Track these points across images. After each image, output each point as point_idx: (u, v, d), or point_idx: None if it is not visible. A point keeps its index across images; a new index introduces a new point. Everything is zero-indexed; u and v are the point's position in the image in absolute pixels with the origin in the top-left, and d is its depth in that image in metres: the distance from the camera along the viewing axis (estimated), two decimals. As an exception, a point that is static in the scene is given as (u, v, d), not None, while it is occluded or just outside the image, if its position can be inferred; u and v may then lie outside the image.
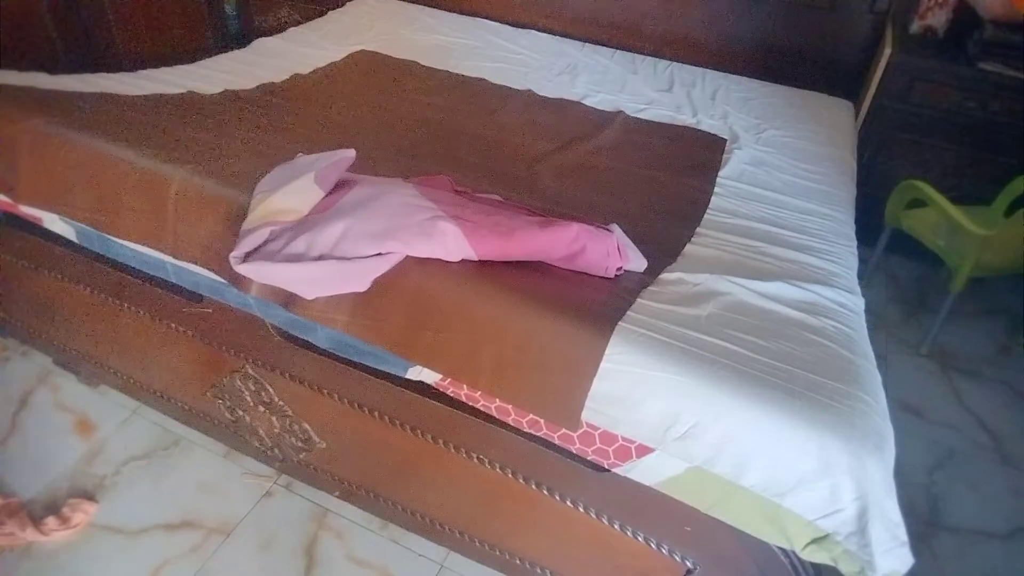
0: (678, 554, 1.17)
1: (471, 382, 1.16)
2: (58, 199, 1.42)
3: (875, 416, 1.04)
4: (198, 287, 1.37)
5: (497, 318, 1.11)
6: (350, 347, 1.24)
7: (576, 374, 1.07)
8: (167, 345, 1.53)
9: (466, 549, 1.44)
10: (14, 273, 1.65)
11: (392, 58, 2.49)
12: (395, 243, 1.14)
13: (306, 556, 1.53)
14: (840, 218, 1.74)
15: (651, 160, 1.95)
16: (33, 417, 1.79)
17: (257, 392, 1.45)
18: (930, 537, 1.72)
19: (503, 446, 1.22)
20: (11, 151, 1.42)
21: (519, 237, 1.20)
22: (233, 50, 2.35)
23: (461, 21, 2.96)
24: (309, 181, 1.23)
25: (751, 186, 1.83)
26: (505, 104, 2.21)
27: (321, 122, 1.88)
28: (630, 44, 2.89)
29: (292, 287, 1.17)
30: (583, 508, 1.20)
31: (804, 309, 1.27)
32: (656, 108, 2.32)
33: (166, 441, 1.76)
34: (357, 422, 1.36)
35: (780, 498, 1.00)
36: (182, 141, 1.51)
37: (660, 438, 1.05)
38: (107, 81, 1.83)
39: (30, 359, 1.94)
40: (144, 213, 1.34)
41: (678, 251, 1.44)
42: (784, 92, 2.60)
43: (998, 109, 2.36)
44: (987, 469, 1.94)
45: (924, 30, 2.58)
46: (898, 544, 0.98)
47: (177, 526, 1.57)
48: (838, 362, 1.13)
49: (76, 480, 1.64)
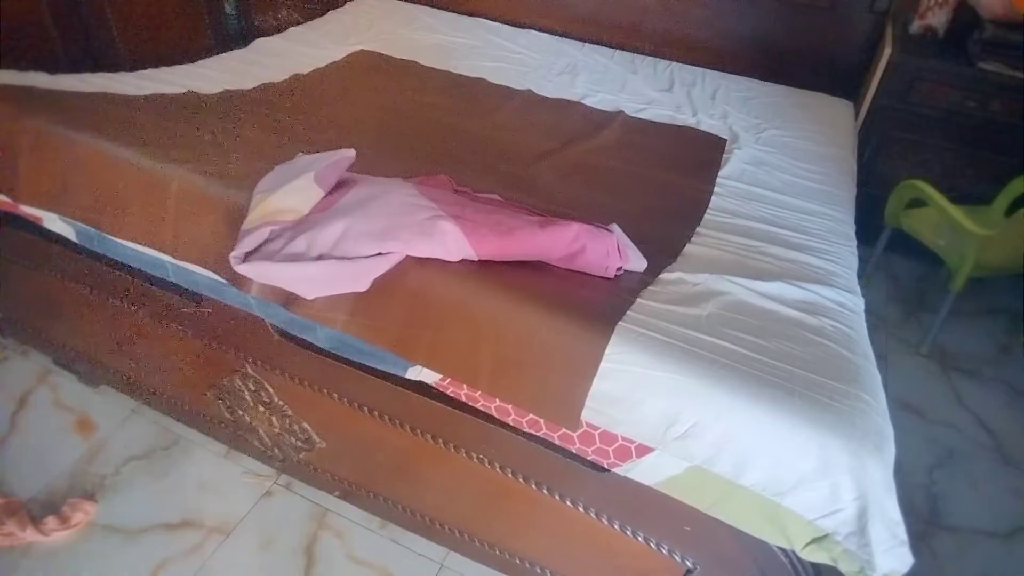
0: (678, 554, 1.17)
1: (471, 382, 1.16)
2: (58, 199, 1.42)
3: (875, 416, 1.04)
4: (198, 287, 1.37)
5: (497, 318, 1.11)
6: (350, 347, 1.24)
7: (576, 374, 1.07)
8: (167, 345, 1.53)
9: (466, 549, 1.44)
10: (14, 273, 1.65)
11: (392, 58, 2.49)
12: (395, 243, 1.14)
13: (306, 555, 1.53)
14: (840, 218, 1.74)
15: (651, 160, 1.95)
16: (33, 416, 1.79)
17: (257, 392, 1.45)
18: (930, 537, 1.72)
19: (503, 446, 1.22)
20: (11, 151, 1.42)
21: (519, 237, 1.20)
22: (233, 50, 2.35)
23: (461, 21, 2.96)
24: (309, 181, 1.23)
25: (751, 186, 1.83)
26: (505, 104, 2.21)
27: (321, 122, 1.88)
28: (630, 44, 2.89)
29: (292, 287, 1.17)
30: (583, 508, 1.20)
31: (804, 309, 1.27)
32: (656, 108, 2.32)
33: (166, 441, 1.76)
34: (357, 422, 1.36)
35: (780, 497, 1.00)
36: (182, 141, 1.51)
37: (660, 438, 1.05)
38: (107, 81, 1.83)
39: (30, 358, 1.94)
40: (144, 213, 1.34)
41: (678, 251, 1.44)
42: (784, 92, 2.60)
43: (998, 109, 2.36)
44: (987, 469, 1.94)
45: (924, 30, 2.58)
46: (898, 543, 0.98)
47: (177, 526, 1.57)
48: (838, 362, 1.13)
49: (76, 479, 1.64)
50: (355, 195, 1.23)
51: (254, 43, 2.44)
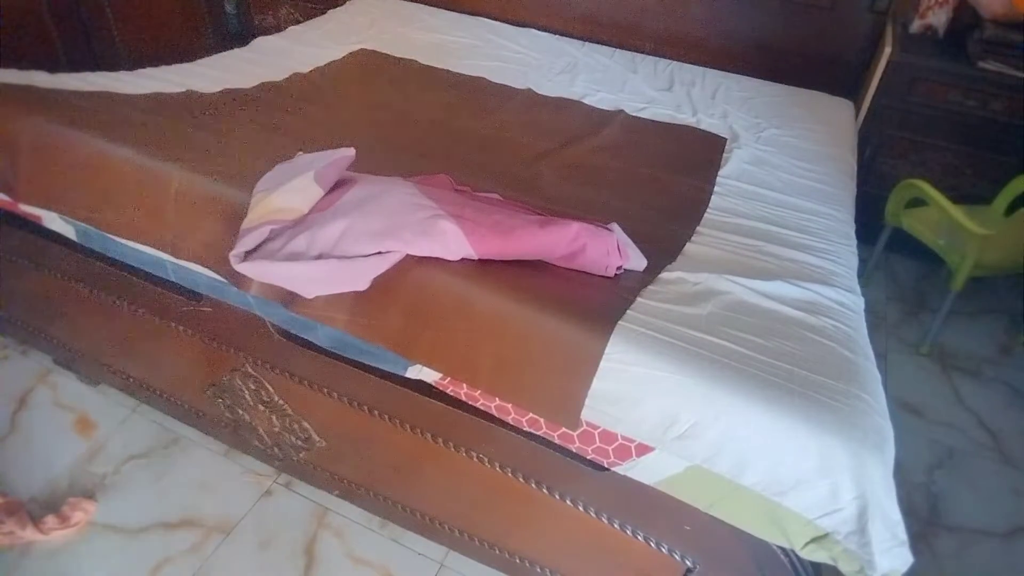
0: (678, 553, 1.17)
1: (471, 381, 1.16)
2: (58, 198, 1.42)
3: (875, 415, 1.04)
4: (198, 286, 1.37)
5: (497, 317, 1.11)
6: (350, 346, 1.24)
7: (576, 373, 1.07)
8: (167, 344, 1.53)
9: (466, 548, 1.44)
10: (14, 272, 1.65)
11: (392, 57, 2.49)
12: (395, 242, 1.14)
13: (306, 555, 1.53)
14: (840, 217, 1.74)
15: (651, 159, 1.95)
16: (33, 416, 1.79)
17: (257, 391, 1.45)
18: (930, 536, 1.72)
19: (503, 445, 1.22)
20: (11, 150, 1.42)
21: (519, 236, 1.20)
22: (233, 49, 2.35)
23: (461, 20, 2.96)
24: (309, 180, 1.23)
25: (751, 185, 1.83)
26: (505, 103, 2.21)
27: (321, 121, 1.88)
28: (630, 43, 2.89)
29: (292, 286, 1.16)
30: (583, 507, 1.20)
31: (804, 308, 1.27)
32: (656, 107, 2.32)
33: (166, 440, 1.76)
34: (357, 421, 1.36)
35: (780, 497, 1.00)
36: (182, 140, 1.51)
37: (660, 437, 1.05)
38: (107, 80, 1.83)
39: (30, 358, 1.94)
40: (144, 212, 1.34)
41: (678, 250, 1.44)
42: (784, 91, 2.60)
43: (998, 108, 2.36)
44: (987, 469, 1.94)
45: (924, 29, 2.58)
46: (897, 543, 0.98)
47: (177, 525, 1.57)
48: (838, 361, 1.13)
49: (76, 479, 1.64)
50: (355, 194, 1.23)
51: (254, 42, 2.44)
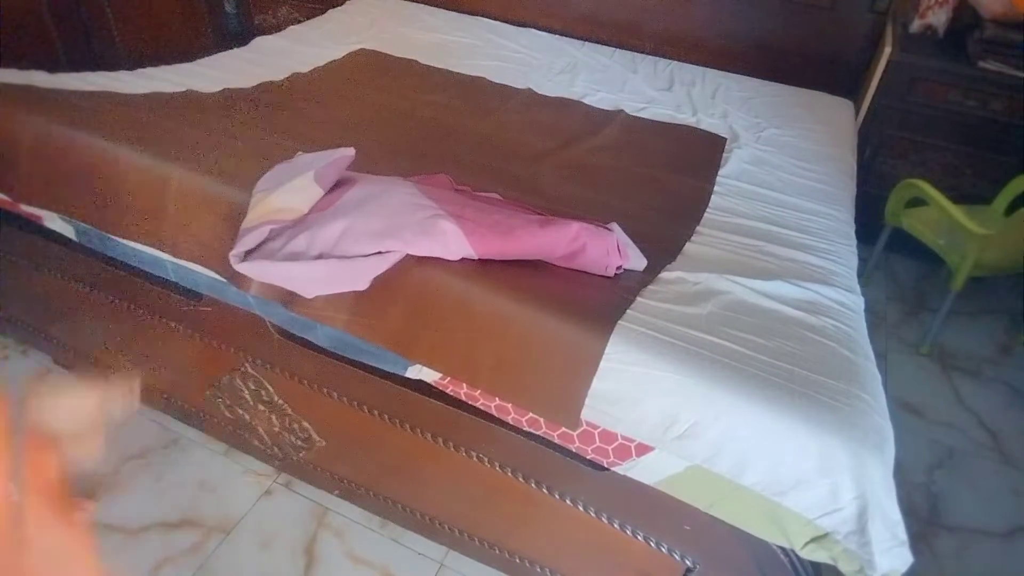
0: (678, 553, 1.17)
1: (471, 381, 1.16)
2: (58, 198, 1.42)
3: (875, 415, 1.04)
4: (198, 286, 1.37)
5: (497, 317, 1.11)
6: (350, 346, 1.24)
7: (576, 373, 1.07)
8: (167, 344, 1.53)
9: (466, 548, 1.44)
10: (14, 272, 1.65)
11: (392, 57, 2.49)
12: (395, 242, 1.14)
13: (306, 555, 1.53)
14: (840, 217, 1.74)
15: (651, 159, 1.95)
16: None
17: (257, 391, 1.45)
18: (930, 536, 1.72)
19: (503, 445, 1.22)
20: (11, 150, 1.42)
21: (519, 236, 1.20)
22: (233, 49, 2.35)
23: (461, 20, 2.96)
24: (309, 180, 1.23)
25: (751, 185, 1.83)
26: (505, 103, 2.21)
27: (321, 121, 1.88)
28: (630, 43, 2.89)
29: (292, 286, 1.16)
30: (583, 507, 1.20)
31: (804, 308, 1.27)
32: (656, 107, 2.32)
33: (165, 440, 1.75)
34: (357, 421, 1.36)
35: (780, 497, 1.00)
36: (182, 140, 1.50)
37: (660, 437, 1.05)
38: (107, 80, 1.83)
39: (30, 358, 1.94)
40: (144, 212, 1.34)
41: (678, 250, 1.44)
42: (784, 91, 2.60)
43: (998, 108, 2.36)
44: (987, 469, 1.94)
45: (924, 29, 2.58)
46: (897, 543, 0.98)
47: (177, 524, 1.57)
48: (838, 361, 1.13)
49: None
50: (355, 194, 1.23)
51: (254, 42, 2.44)
